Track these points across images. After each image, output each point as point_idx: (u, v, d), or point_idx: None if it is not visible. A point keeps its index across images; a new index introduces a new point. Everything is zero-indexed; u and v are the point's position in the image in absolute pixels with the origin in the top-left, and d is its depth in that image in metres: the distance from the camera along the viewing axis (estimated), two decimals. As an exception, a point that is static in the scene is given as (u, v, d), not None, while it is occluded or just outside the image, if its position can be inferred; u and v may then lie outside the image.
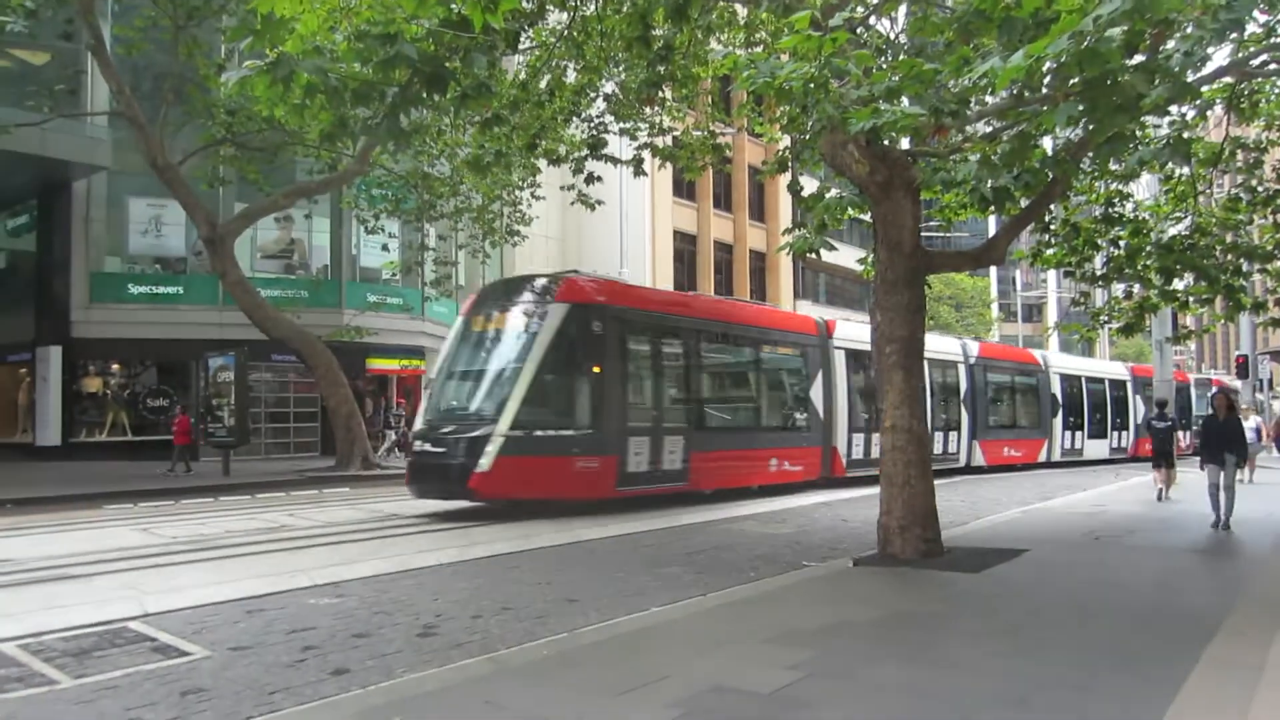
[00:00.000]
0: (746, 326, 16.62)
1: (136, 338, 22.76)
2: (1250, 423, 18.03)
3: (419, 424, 13.58)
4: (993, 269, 51.79)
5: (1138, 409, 29.33)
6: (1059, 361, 27.58)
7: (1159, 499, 14.91)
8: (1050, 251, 13.59)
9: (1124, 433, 29.53)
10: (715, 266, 35.63)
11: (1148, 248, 12.57)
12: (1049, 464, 25.42)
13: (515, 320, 13.37)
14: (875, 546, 9.25)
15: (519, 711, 4.40)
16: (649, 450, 13.54)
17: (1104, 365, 32.78)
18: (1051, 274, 57.22)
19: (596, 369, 13.14)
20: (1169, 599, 7.35)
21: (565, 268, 21.00)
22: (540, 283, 13.86)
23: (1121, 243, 13.09)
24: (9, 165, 15.78)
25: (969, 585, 7.70)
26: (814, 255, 10.01)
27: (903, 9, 10.75)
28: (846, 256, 29.28)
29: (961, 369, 22.20)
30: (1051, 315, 65.05)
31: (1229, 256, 12.92)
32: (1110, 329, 15.08)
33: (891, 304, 9.15)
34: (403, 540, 10.44)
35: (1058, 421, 26.00)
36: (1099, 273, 13.84)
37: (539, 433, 12.36)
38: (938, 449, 19.86)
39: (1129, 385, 29.94)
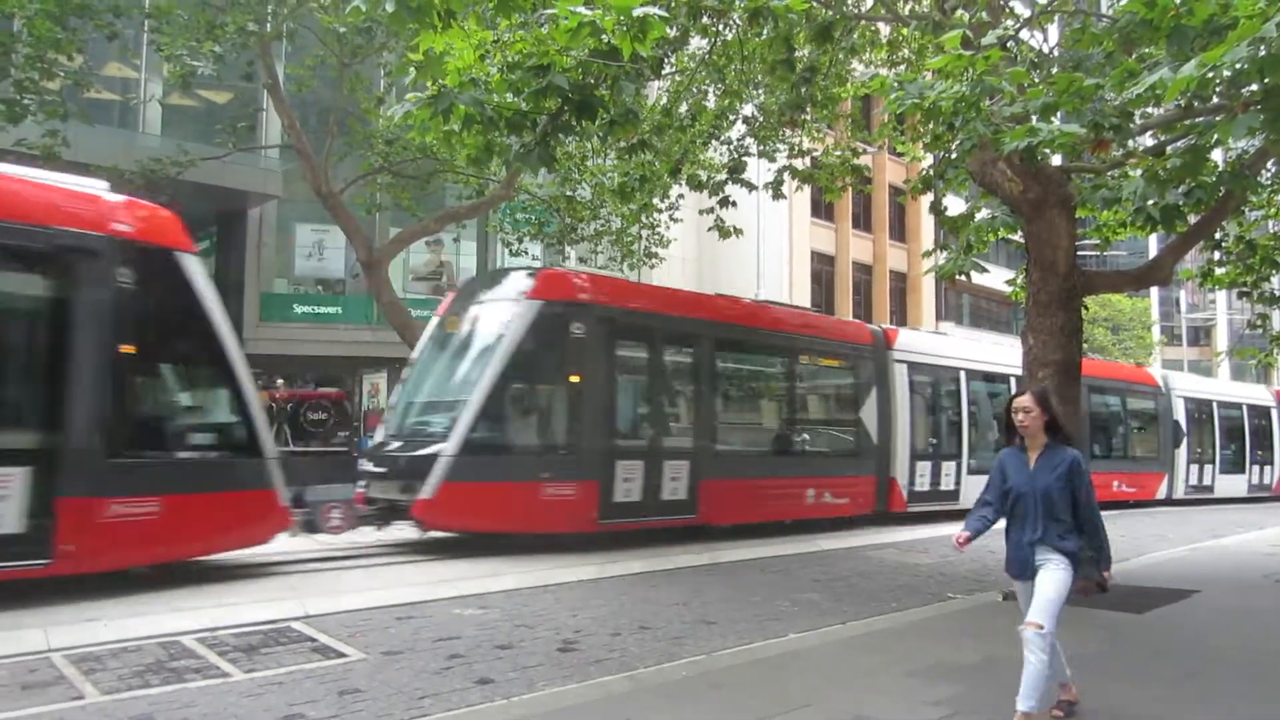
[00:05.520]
0: (776, 333, 14.43)
1: (299, 354, 24.28)
2: None
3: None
4: (1154, 289, 48.66)
5: None
6: (1183, 384, 24.12)
7: None
8: (1222, 271, 12.72)
9: (1267, 467, 25.69)
10: (854, 287, 34.95)
11: (1337, 266, 11.59)
12: (1170, 501, 22.14)
13: (483, 322, 11.53)
14: (1026, 581, 8.82)
15: (658, 731, 4.43)
16: (642, 476, 11.56)
17: (1242, 388, 28.49)
18: (1221, 295, 53.16)
19: (576, 379, 11.33)
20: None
21: (701, 288, 21.06)
22: (516, 277, 12.11)
23: (1306, 261, 12.11)
24: (195, 195, 17.25)
25: (1132, 626, 7.23)
26: (964, 278, 9.70)
27: (1055, 21, 10.34)
28: (993, 277, 28.13)
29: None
30: (1221, 339, 60.52)
31: None
32: (1293, 355, 13.92)
33: (1044, 326, 8.76)
34: (538, 557, 10.67)
35: (1181, 453, 22.55)
36: (1279, 293, 12.82)
37: (501, 454, 10.75)
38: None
39: (1274, 412, 26.19)
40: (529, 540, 10.62)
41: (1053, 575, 4.53)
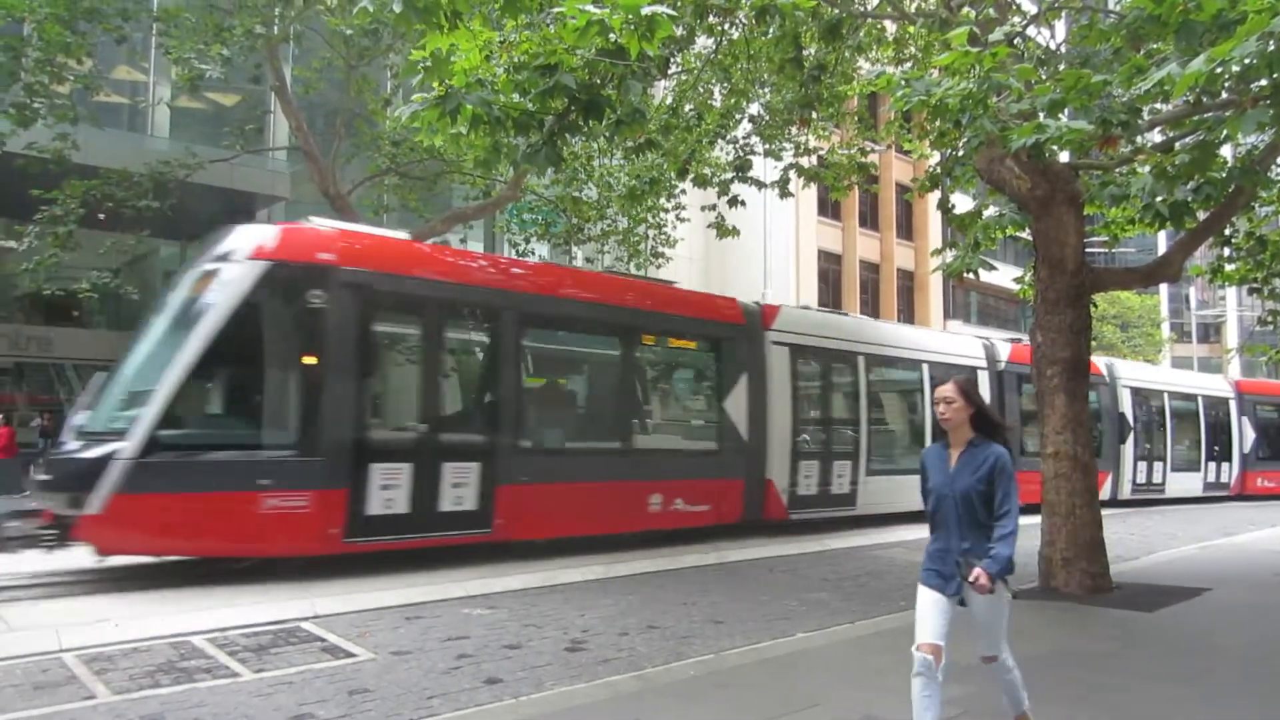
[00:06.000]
0: (607, 307, 11.76)
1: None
2: None
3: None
4: (1164, 286, 48.42)
5: (1245, 435, 24.13)
6: (1130, 373, 21.62)
7: None
8: (1232, 267, 12.65)
9: (1225, 464, 23.47)
10: (861, 286, 34.91)
11: (1348, 262, 11.52)
12: (1115, 502, 19.23)
13: (198, 288, 9.02)
14: (1035, 579, 8.80)
15: (667, 730, 4.42)
16: (410, 482, 9.35)
17: (1197, 378, 26.45)
18: (1232, 291, 52.95)
19: (311, 361, 9.07)
20: (1379, 651, 6.63)
21: (708, 288, 21.03)
22: (246, 233, 9.44)
23: (1318, 257, 12.03)
24: (204, 198, 17.34)
25: (1142, 625, 7.20)
26: (972, 275, 9.68)
27: (1063, 18, 10.30)
28: (1001, 275, 28.04)
29: (983, 377, 16.71)
30: (1231, 336, 60.27)
31: None
32: (1304, 351, 13.83)
33: (1053, 324, 8.74)
34: (544, 558, 10.65)
35: (1127, 449, 20.31)
36: (1290, 290, 12.76)
37: (200, 455, 8.40)
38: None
39: (1233, 404, 24.01)
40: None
41: (992, 599, 4.09)
